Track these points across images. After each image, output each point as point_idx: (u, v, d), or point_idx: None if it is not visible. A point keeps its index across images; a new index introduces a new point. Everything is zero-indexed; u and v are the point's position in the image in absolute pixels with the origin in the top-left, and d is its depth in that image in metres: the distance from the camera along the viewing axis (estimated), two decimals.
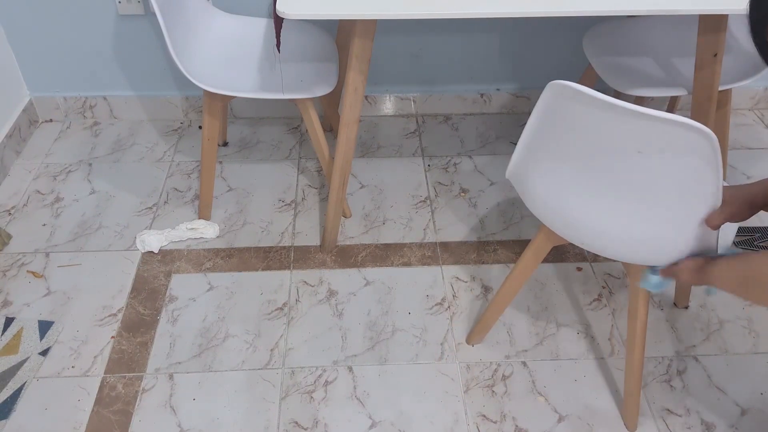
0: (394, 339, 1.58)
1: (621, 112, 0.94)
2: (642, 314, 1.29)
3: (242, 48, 1.81)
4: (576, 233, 1.19)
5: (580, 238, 1.20)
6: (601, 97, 0.95)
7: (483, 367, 1.52)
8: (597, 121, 0.99)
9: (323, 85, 1.66)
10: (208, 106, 1.69)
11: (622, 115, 0.94)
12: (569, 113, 1.03)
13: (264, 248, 1.81)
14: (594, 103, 0.96)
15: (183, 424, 1.40)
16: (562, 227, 1.22)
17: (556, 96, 1.04)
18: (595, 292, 1.70)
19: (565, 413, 1.43)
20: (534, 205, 1.24)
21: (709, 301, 1.67)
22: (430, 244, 1.83)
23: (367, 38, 1.42)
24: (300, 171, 2.07)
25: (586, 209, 1.13)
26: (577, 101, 1.00)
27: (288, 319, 1.62)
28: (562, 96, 1.03)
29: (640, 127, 0.95)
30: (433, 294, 1.69)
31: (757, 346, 1.57)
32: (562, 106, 1.04)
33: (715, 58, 1.55)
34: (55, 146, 2.15)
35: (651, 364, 1.53)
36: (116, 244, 1.81)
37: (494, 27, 2.13)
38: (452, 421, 1.41)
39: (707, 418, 1.43)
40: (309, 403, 1.45)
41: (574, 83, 0.98)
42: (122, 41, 2.09)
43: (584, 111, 1.00)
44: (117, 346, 1.55)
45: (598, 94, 0.95)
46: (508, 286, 1.44)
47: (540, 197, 1.20)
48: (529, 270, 1.40)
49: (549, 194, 1.17)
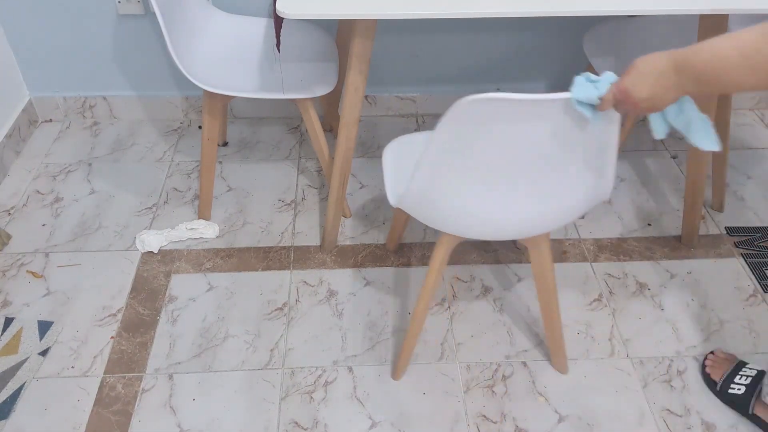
0: (394, 339, 1.58)
1: (538, 104, 0.97)
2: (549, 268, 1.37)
3: (242, 48, 1.81)
4: (488, 228, 1.23)
5: (491, 232, 1.24)
6: (520, 97, 0.96)
7: (483, 368, 1.52)
8: (515, 119, 1.01)
9: (323, 85, 1.66)
10: (207, 106, 1.69)
11: (539, 106, 0.98)
12: (485, 122, 1.02)
13: (264, 248, 1.81)
14: (512, 104, 0.97)
15: (183, 425, 1.40)
16: (473, 228, 1.23)
17: (470, 111, 1.01)
18: (596, 292, 1.69)
19: (566, 413, 1.43)
20: (439, 220, 1.23)
21: (710, 301, 1.67)
22: (431, 244, 1.83)
23: (367, 38, 1.42)
24: (300, 171, 2.07)
25: (506, 203, 1.16)
26: (494, 108, 0.99)
27: (288, 320, 1.62)
28: (476, 109, 1.00)
29: (555, 111, 0.99)
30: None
31: (757, 346, 1.57)
32: (476, 118, 1.02)
33: None
34: (54, 146, 2.15)
35: (651, 364, 1.53)
36: (116, 244, 1.81)
37: (494, 27, 2.13)
38: (452, 422, 1.41)
39: (707, 419, 1.43)
40: (309, 404, 1.45)
41: (483, 94, 0.96)
42: (122, 41, 2.09)
43: (502, 114, 1.00)
44: (117, 347, 1.55)
45: (515, 95, 0.96)
46: (422, 309, 1.41)
47: (451, 209, 1.19)
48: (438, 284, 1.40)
49: (462, 202, 1.17)
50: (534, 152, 1.07)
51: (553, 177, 1.12)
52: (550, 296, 1.41)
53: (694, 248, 1.82)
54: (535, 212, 1.19)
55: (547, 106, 0.98)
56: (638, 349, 1.56)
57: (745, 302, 1.67)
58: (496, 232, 1.24)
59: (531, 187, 1.13)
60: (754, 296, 1.69)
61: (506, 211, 1.18)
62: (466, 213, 1.19)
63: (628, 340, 1.58)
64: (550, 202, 1.17)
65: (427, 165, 1.13)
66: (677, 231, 1.87)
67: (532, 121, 1.01)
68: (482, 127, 1.03)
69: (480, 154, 1.07)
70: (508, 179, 1.11)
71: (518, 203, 1.16)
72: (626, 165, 2.11)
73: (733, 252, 1.81)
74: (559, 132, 1.03)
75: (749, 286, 1.71)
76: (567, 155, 1.08)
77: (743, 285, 1.72)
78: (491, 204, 1.16)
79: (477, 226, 1.22)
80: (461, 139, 1.06)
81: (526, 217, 1.20)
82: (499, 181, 1.12)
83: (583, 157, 1.09)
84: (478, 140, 1.05)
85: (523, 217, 1.19)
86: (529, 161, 1.08)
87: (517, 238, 1.28)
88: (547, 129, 1.02)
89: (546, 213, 1.19)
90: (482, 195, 1.15)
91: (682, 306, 1.66)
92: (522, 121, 1.01)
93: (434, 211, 1.22)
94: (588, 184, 1.16)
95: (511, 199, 1.15)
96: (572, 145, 1.06)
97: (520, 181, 1.12)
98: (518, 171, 1.10)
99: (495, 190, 1.14)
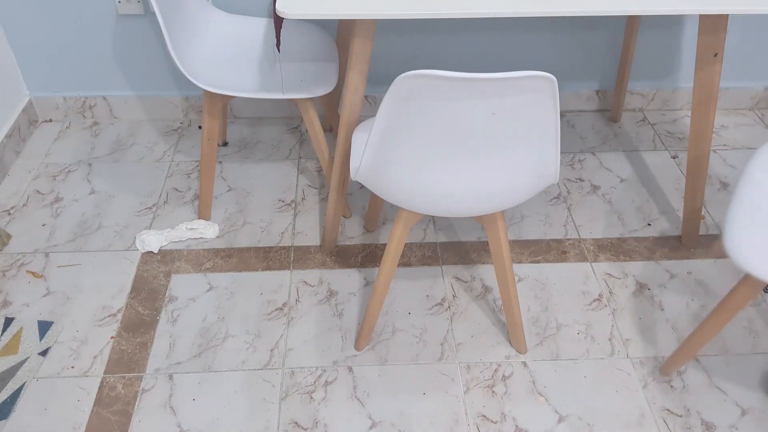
0: (394, 339, 1.58)
1: (474, 83, 1.00)
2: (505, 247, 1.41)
3: (242, 48, 1.81)
4: (439, 205, 1.25)
5: (443, 208, 1.26)
6: (454, 75, 0.99)
7: (483, 368, 1.52)
8: (452, 97, 1.03)
9: (323, 85, 1.66)
10: (207, 106, 1.69)
11: (476, 85, 1.00)
12: (424, 98, 1.05)
13: (264, 248, 1.81)
14: (448, 82, 1.00)
15: (183, 425, 1.40)
16: (425, 204, 1.26)
17: (408, 87, 1.04)
18: (596, 292, 1.69)
19: (566, 413, 1.43)
20: (392, 195, 1.27)
21: (710, 301, 1.67)
22: (431, 244, 1.83)
23: (367, 38, 1.42)
24: (300, 171, 2.07)
25: (451, 180, 1.18)
26: (431, 85, 1.02)
27: (288, 320, 1.62)
28: (414, 85, 1.03)
29: (492, 91, 1.01)
30: (433, 294, 1.69)
31: (757, 346, 1.57)
32: (414, 94, 1.05)
33: (715, 58, 1.55)
34: (54, 146, 2.15)
35: (651, 364, 1.53)
36: (116, 244, 1.81)
37: (494, 27, 2.13)
38: (452, 422, 1.41)
39: (707, 418, 1.43)
40: (309, 404, 1.45)
41: (423, 70, 1.00)
42: (122, 41, 2.09)
43: (439, 92, 1.02)
44: (117, 347, 1.55)
45: (450, 73, 0.99)
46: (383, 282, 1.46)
47: (399, 184, 1.23)
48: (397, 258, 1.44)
49: (409, 178, 1.20)
50: (474, 130, 1.09)
51: (497, 156, 1.14)
52: (506, 274, 1.44)
53: (694, 248, 1.82)
54: (482, 190, 1.21)
55: (483, 85, 1.00)
56: (638, 350, 1.56)
57: None
58: (447, 209, 1.27)
59: (475, 165, 1.15)
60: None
61: (453, 188, 1.20)
62: (415, 188, 1.22)
63: (628, 340, 1.58)
64: (496, 180, 1.20)
65: (375, 140, 1.16)
66: (677, 231, 1.87)
67: (470, 100, 1.03)
68: (422, 104, 1.05)
69: (421, 130, 1.09)
70: (451, 156, 1.14)
71: (464, 180, 1.18)
72: (626, 165, 2.11)
73: None
74: (498, 112, 1.05)
75: None
76: (508, 135, 1.10)
77: None
78: (437, 180, 1.19)
79: (427, 202, 1.25)
80: (403, 115, 1.08)
81: (473, 195, 1.22)
82: (442, 157, 1.14)
83: (524, 137, 1.12)
84: (418, 117, 1.07)
85: (471, 195, 1.22)
86: (471, 139, 1.10)
87: (470, 215, 1.31)
88: (485, 108, 1.04)
89: (493, 192, 1.22)
90: (428, 171, 1.17)
91: (682, 306, 1.66)
92: (459, 99, 1.03)
93: (386, 185, 1.25)
94: (533, 165, 1.18)
95: (457, 176, 1.17)
96: (512, 125, 1.08)
97: (464, 158, 1.14)
98: (461, 148, 1.12)
99: (440, 167, 1.16)
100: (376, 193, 1.30)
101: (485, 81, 0.98)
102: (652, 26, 2.15)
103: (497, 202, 1.26)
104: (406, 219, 1.37)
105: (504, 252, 1.42)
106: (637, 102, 2.33)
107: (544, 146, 1.14)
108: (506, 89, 1.01)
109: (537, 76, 0.99)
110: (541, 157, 1.17)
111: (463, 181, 1.18)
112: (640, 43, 2.18)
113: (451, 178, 1.18)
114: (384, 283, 1.45)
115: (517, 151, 1.14)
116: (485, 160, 1.14)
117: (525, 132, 1.10)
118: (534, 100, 1.04)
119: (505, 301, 1.49)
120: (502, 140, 1.11)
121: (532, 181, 1.23)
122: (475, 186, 1.20)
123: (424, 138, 1.11)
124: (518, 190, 1.24)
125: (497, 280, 1.47)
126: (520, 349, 1.54)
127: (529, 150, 1.14)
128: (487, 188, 1.21)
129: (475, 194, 1.22)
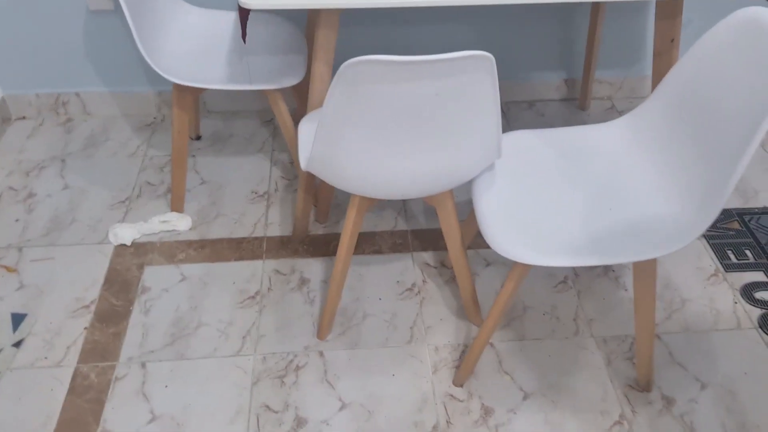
0: (365, 324, 1.61)
1: (415, 65, 1.02)
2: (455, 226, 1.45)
3: (211, 41, 1.83)
4: (391, 188, 1.28)
5: (395, 190, 1.29)
6: (396, 59, 1.01)
7: (451, 349, 1.55)
8: (397, 81, 1.06)
9: (291, 77, 1.68)
10: (177, 99, 1.70)
11: (417, 68, 1.03)
12: (369, 84, 1.07)
13: (237, 239, 1.83)
14: (391, 66, 1.03)
15: (155, 410, 1.42)
16: (377, 188, 1.29)
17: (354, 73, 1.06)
18: (561, 274, 1.73)
19: (530, 390, 1.47)
20: (344, 181, 1.29)
21: (672, 281, 1.72)
22: (401, 231, 1.86)
23: (331, 28, 1.45)
24: (273, 163, 2.09)
25: (401, 162, 1.21)
26: (375, 70, 1.04)
27: (260, 308, 1.65)
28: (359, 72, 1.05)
29: (434, 72, 1.05)
30: (403, 280, 1.72)
31: (718, 323, 1.62)
32: (360, 80, 1.07)
33: (672, 44, 1.59)
34: (28, 143, 2.16)
35: (614, 342, 1.57)
36: (89, 238, 1.82)
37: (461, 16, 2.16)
38: (420, 401, 1.45)
39: (668, 393, 1.47)
40: (280, 388, 1.47)
41: (367, 56, 1.03)
42: (94, 37, 2.10)
43: (384, 76, 1.05)
44: (90, 337, 1.57)
45: (392, 57, 1.01)
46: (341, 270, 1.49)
47: (350, 170, 1.25)
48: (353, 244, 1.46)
49: (360, 164, 1.23)
50: (420, 112, 1.12)
51: (444, 136, 1.18)
52: (458, 253, 1.48)
53: None
54: (430, 170, 1.24)
55: (424, 67, 1.03)
56: (602, 329, 1.60)
57: (707, 281, 1.72)
58: (399, 191, 1.29)
59: (423, 146, 1.18)
60: (716, 275, 1.74)
61: (403, 170, 1.23)
62: (366, 173, 1.24)
63: (592, 320, 1.62)
64: (444, 160, 1.23)
65: (324, 129, 1.18)
66: None
67: (414, 82, 1.06)
68: (368, 89, 1.07)
69: (369, 115, 1.12)
70: (399, 139, 1.17)
71: (413, 162, 1.22)
72: None
73: None
74: (441, 93, 1.08)
75: (711, 266, 1.76)
76: (452, 115, 1.14)
77: (705, 265, 1.76)
78: (387, 163, 1.22)
79: (379, 185, 1.27)
80: (351, 102, 1.10)
81: (422, 176, 1.25)
82: (391, 141, 1.17)
83: (468, 116, 1.15)
84: (365, 102, 1.10)
85: (421, 176, 1.25)
86: (418, 121, 1.13)
87: (420, 196, 1.34)
88: (429, 90, 1.07)
89: (441, 171, 1.26)
90: (377, 155, 1.20)
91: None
92: (403, 82, 1.06)
93: (337, 173, 1.27)
94: (478, 143, 1.23)
95: (406, 158, 1.20)
96: (456, 105, 1.12)
97: (412, 140, 1.17)
98: (409, 131, 1.15)
99: (389, 150, 1.19)
100: (328, 181, 1.32)
101: (426, 63, 1.01)
102: (616, 15, 2.19)
103: (446, 181, 1.29)
104: (359, 205, 1.40)
105: (455, 231, 1.45)
106: (605, 90, 2.37)
107: (486, 124, 1.18)
108: (447, 70, 1.03)
109: (475, 55, 1.03)
110: (485, 135, 1.21)
111: (413, 162, 1.21)
112: (606, 31, 2.23)
113: (400, 160, 1.20)
114: (341, 271, 1.48)
115: (462, 130, 1.17)
116: (432, 141, 1.17)
117: (468, 111, 1.13)
118: (474, 80, 1.07)
119: (460, 279, 1.52)
120: (447, 120, 1.14)
121: (478, 159, 1.26)
122: (424, 166, 1.23)
123: (372, 122, 1.13)
124: (465, 168, 1.27)
125: (451, 258, 1.50)
126: (475, 322, 1.60)
127: (473, 128, 1.17)
128: (435, 168, 1.24)
129: (425, 175, 1.25)
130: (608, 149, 1.42)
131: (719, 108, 1.20)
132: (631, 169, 1.38)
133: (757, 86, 1.11)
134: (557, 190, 1.36)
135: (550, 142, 1.46)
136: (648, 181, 1.35)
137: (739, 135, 1.11)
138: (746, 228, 1.87)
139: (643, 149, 1.38)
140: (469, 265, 1.53)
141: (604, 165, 1.41)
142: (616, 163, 1.40)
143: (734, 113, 1.15)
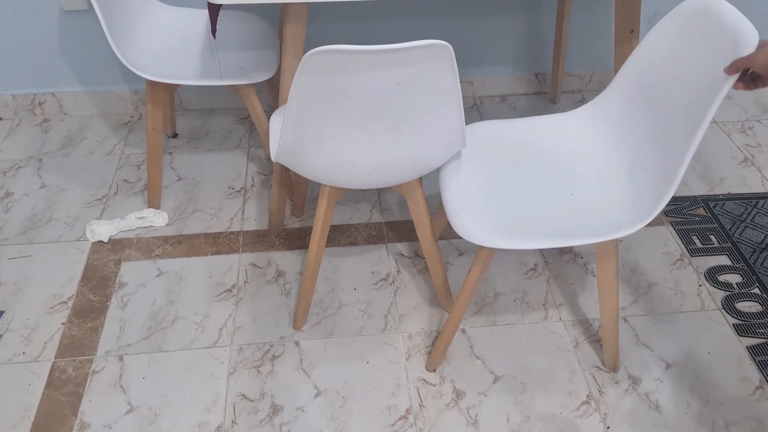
0: (340, 313, 1.64)
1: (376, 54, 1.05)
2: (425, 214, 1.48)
3: (184, 38, 1.85)
4: (359, 177, 1.31)
5: (363, 180, 1.32)
6: (357, 48, 1.04)
7: (424, 335, 1.59)
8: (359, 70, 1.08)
9: (263, 72, 1.71)
10: (150, 96, 1.73)
11: (378, 57, 1.06)
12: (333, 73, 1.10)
13: (213, 234, 1.85)
14: (352, 55, 1.05)
15: (133, 402, 1.45)
16: (345, 178, 1.32)
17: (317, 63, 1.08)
18: (531, 262, 1.78)
19: (501, 373, 1.51)
20: (313, 172, 1.32)
21: (639, 266, 1.77)
22: (377, 224, 1.90)
23: (300, 23, 1.48)
24: (250, 159, 2.12)
25: (368, 152, 1.24)
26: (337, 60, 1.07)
27: (237, 300, 1.67)
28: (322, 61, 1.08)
29: (395, 62, 1.07)
30: (378, 270, 1.75)
31: (683, 306, 1.67)
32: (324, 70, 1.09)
33: (632, 35, 1.64)
34: (4, 144, 2.17)
35: (582, 326, 1.61)
36: (66, 235, 1.84)
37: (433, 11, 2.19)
38: (394, 386, 1.48)
39: (634, 373, 1.51)
40: (256, 377, 1.50)
41: (328, 46, 1.05)
42: (68, 37, 2.12)
43: (346, 66, 1.08)
44: (67, 332, 1.59)
45: (353, 46, 1.04)
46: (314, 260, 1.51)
47: (319, 161, 1.28)
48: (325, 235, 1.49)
49: (328, 154, 1.26)
50: (384, 101, 1.14)
51: (408, 125, 1.20)
52: (428, 240, 1.51)
53: None
54: (395, 158, 1.27)
55: (385, 56, 1.06)
56: (570, 313, 1.64)
57: (673, 266, 1.77)
58: (367, 181, 1.32)
59: (389, 135, 1.21)
60: (681, 260, 1.79)
61: (370, 160, 1.26)
62: (334, 163, 1.27)
63: (561, 304, 1.66)
64: (410, 148, 1.26)
65: (291, 120, 1.20)
66: None
67: (376, 71, 1.08)
68: (331, 79, 1.10)
69: (334, 105, 1.15)
70: (365, 129, 1.19)
71: (380, 151, 1.24)
72: None
73: (662, 220, 1.91)
74: (404, 82, 1.11)
75: (677, 251, 1.81)
76: (415, 104, 1.16)
77: (671, 250, 1.81)
78: (354, 153, 1.25)
79: (347, 175, 1.30)
80: (316, 92, 1.13)
81: (388, 164, 1.28)
82: (357, 130, 1.20)
83: (430, 105, 1.18)
84: (330, 92, 1.12)
85: (386, 164, 1.28)
86: (382, 110, 1.16)
87: (388, 185, 1.37)
88: (391, 79, 1.10)
89: (406, 159, 1.28)
90: (344, 145, 1.23)
91: None
92: (366, 71, 1.08)
93: (306, 164, 1.30)
94: (441, 131, 1.25)
95: (372, 147, 1.23)
96: (418, 94, 1.15)
97: (378, 129, 1.20)
98: (373, 120, 1.18)
99: (355, 140, 1.22)
100: (297, 171, 1.34)
101: (386, 52, 1.04)
102: (582, 9, 2.24)
103: (412, 169, 1.32)
104: (330, 195, 1.43)
105: (425, 219, 1.49)
106: (575, 84, 2.42)
107: (449, 113, 1.21)
108: (407, 59, 1.06)
109: (434, 44, 1.06)
110: (448, 124, 1.24)
111: (379, 151, 1.24)
112: (574, 26, 2.27)
113: (367, 150, 1.23)
114: (315, 260, 1.50)
115: (425, 119, 1.20)
116: (397, 130, 1.20)
117: (430, 100, 1.16)
118: (434, 69, 1.10)
119: (431, 267, 1.56)
120: (410, 109, 1.17)
121: (442, 147, 1.29)
122: (390, 155, 1.26)
123: (338, 112, 1.16)
124: (430, 157, 1.30)
125: (422, 245, 1.53)
126: (447, 309, 1.63)
127: (436, 117, 1.20)
128: (401, 157, 1.27)
129: (392, 163, 1.28)
130: (570, 137, 1.47)
131: (671, 94, 1.24)
132: (592, 156, 1.42)
133: (703, 72, 1.16)
134: (521, 177, 1.40)
135: (515, 131, 1.50)
136: (608, 166, 1.39)
137: (690, 120, 1.16)
138: (711, 214, 1.92)
139: (603, 136, 1.43)
140: (440, 251, 1.55)
141: (567, 152, 1.45)
142: (578, 150, 1.44)
143: (685, 99, 1.20)
